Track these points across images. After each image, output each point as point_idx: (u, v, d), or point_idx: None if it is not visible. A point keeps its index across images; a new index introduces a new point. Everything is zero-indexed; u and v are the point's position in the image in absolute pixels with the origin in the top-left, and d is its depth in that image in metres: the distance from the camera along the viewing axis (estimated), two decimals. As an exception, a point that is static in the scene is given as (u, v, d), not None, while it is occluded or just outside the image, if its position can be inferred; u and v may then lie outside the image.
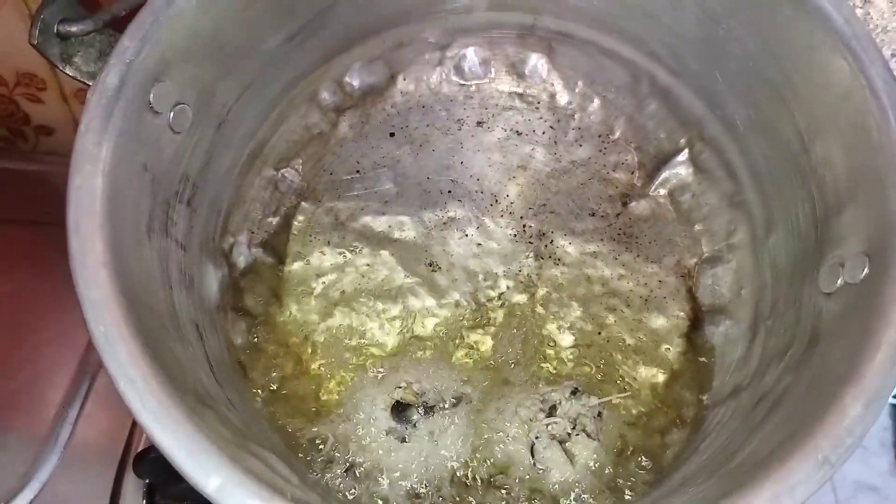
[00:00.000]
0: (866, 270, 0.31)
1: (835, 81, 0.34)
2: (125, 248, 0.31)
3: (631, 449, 0.39)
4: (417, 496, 0.37)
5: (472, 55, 0.50)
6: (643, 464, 0.39)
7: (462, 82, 0.51)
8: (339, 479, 0.37)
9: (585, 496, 0.38)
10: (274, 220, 0.46)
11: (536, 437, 0.39)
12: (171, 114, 0.34)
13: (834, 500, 0.93)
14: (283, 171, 0.46)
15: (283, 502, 0.25)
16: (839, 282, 0.33)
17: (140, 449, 0.42)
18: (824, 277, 0.34)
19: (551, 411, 0.40)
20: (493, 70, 0.51)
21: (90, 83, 0.32)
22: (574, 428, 0.39)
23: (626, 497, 0.38)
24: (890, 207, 0.31)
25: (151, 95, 0.33)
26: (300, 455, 0.38)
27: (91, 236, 0.29)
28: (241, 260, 0.44)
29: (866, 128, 0.33)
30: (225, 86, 0.38)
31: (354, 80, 0.48)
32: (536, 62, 0.50)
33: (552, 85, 0.51)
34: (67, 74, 0.34)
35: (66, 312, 0.54)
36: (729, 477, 0.31)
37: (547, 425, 0.39)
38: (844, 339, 0.31)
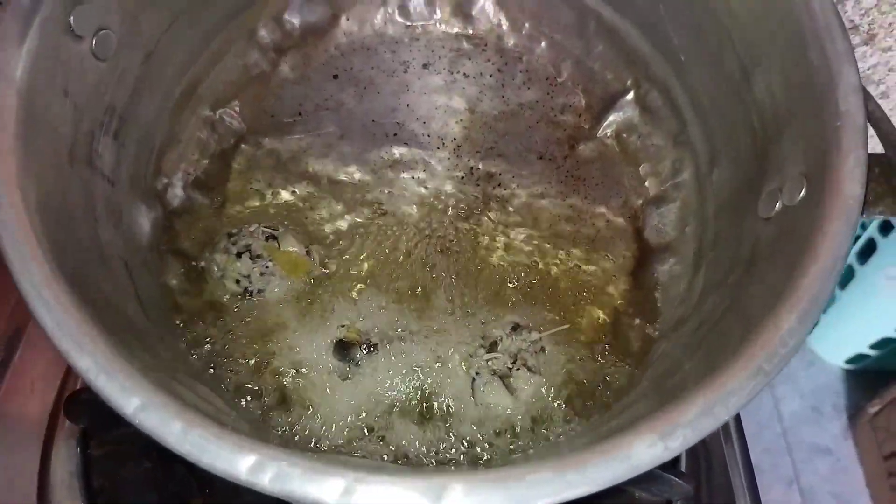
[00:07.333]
0: (804, 191, 0.31)
1: (774, 6, 0.34)
2: (43, 174, 0.29)
3: (574, 382, 0.39)
4: (360, 434, 0.37)
5: (417, -5, 0.49)
6: (586, 395, 0.39)
7: (408, 23, 0.50)
8: (278, 417, 0.36)
9: (526, 427, 0.38)
10: (211, 162, 0.44)
11: (477, 374, 0.39)
12: (94, 39, 0.33)
13: (791, 462, 0.96)
14: (220, 111, 0.45)
15: (208, 424, 0.24)
16: (777, 206, 0.33)
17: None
18: (763, 204, 0.35)
19: (492, 347, 0.40)
20: (438, 11, 0.50)
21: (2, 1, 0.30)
22: (515, 363, 0.39)
23: (569, 427, 0.37)
24: (825, 126, 0.31)
25: (72, 18, 0.32)
26: (236, 395, 0.37)
27: (3, 156, 0.27)
28: (176, 200, 0.42)
29: (803, 50, 0.33)
30: (151, 13, 0.37)
31: (294, 18, 0.47)
32: (483, 3, 0.49)
33: (499, 26, 0.50)
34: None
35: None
36: (665, 395, 0.31)
37: (487, 361, 0.39)
38: (781, 258, 0.31)
